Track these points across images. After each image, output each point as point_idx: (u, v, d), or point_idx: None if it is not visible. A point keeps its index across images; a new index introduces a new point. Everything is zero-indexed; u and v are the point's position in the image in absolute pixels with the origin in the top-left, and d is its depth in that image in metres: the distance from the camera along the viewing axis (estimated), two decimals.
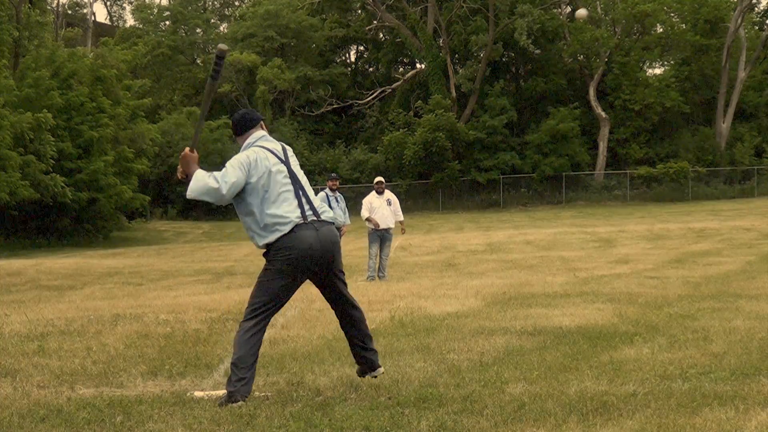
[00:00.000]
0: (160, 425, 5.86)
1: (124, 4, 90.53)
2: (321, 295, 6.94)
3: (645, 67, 71.82)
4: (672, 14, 68.51)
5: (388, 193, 19.76)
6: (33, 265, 27.54)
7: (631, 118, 65.59)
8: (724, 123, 65.89)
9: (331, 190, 19.14)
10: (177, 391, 6.92)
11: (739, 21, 65.48)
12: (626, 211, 54.12)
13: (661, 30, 69.72)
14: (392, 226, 19.57)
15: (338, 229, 17.86)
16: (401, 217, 19.90)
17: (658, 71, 73.14)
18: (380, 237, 19.39)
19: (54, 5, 69.82)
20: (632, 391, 6.55)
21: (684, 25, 68.29)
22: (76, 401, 6.52)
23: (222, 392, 6.62)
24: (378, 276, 19.39)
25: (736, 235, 30.45)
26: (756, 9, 73.78)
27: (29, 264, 28.37)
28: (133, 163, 49.75)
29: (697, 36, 65.61)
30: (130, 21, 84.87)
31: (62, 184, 42.51)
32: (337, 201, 19.02)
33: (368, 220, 19.35)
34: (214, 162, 59.71)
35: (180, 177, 6.80)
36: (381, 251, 19.46)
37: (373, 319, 10.92)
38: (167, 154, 59.71)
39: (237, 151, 6.86)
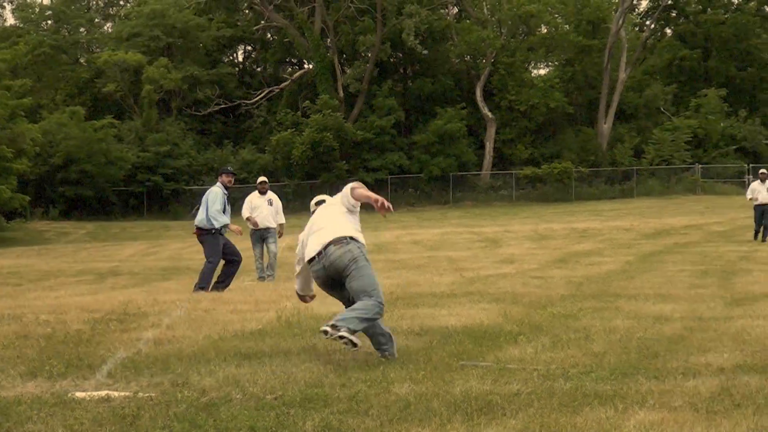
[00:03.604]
0: (39, 426, 5.75)
1: (4, 3, 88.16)
2: (207, 295, 6.88)
3: (530, 67, 72.85)
4: (556, 15, 69.49)
5: (270, 194, 19.58)
6: None
7: (516, 119, 66.40)
8: (605, 123, 67.14)
9: (225, 187, 16.26)
10: (57, 391, 6.79)
11: (621, 22, 66.79)
12: (512, 211, 54.75)
13: (546, 31, 70.71)
14: (272, 225, 19.37)
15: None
16: (282, 220, 19.66)
17: (542, 72, 74.27)
18: (261, 237, 19.24)
19: None
20: (516, 390, 6.63)
21: (567, 26, 69.41)
22: None
23: (104, 393, 6.53)
24: (265, 275, 19.17)
25: (616, 236, 31.02)
26: (636, 10, 75.40)
27: None
28: (12, 163, 48.58)
29: (580, 37, 66.82)
30: (10, 20, 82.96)
31: None
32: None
33: (248, 219, 19.12)
34: (99, 162, 58.86)
35: None
36: (268, 250, 19.30)
37: (260, 319, 10.87)
38: (48, 153, 58.56)
39: (124, 153, 6.75)
